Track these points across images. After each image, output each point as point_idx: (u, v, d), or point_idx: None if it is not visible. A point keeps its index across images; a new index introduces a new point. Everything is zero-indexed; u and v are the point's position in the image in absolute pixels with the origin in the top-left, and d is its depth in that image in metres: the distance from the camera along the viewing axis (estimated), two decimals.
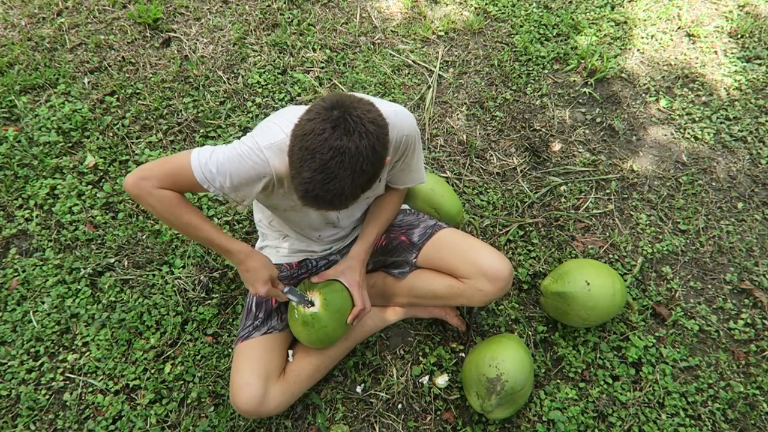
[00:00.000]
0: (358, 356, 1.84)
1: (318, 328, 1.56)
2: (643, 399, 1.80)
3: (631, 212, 2.25)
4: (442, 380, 1.79)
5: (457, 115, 2.52)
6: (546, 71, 2.70)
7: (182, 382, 1.77)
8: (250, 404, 1.50)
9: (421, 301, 1.78)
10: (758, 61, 2.75)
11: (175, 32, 2.75)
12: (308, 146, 1.16)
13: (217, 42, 2.72)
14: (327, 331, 1.57)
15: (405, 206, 1.87)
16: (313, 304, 1.56)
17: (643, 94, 2.62)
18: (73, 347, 1.83)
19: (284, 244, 1.75)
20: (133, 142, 2.33)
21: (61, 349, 1.83)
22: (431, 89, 2.58)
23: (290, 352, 1.68)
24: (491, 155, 2.40)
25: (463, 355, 1.86)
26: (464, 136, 2.44)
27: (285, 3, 2.90)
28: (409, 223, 1.78)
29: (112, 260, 2.01)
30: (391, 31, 2.83)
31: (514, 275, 1.75)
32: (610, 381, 1.83)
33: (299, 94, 2.53)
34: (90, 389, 1.75)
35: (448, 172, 2.32)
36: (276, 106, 2.49)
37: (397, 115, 1.43)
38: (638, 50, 2.79)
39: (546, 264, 2.08)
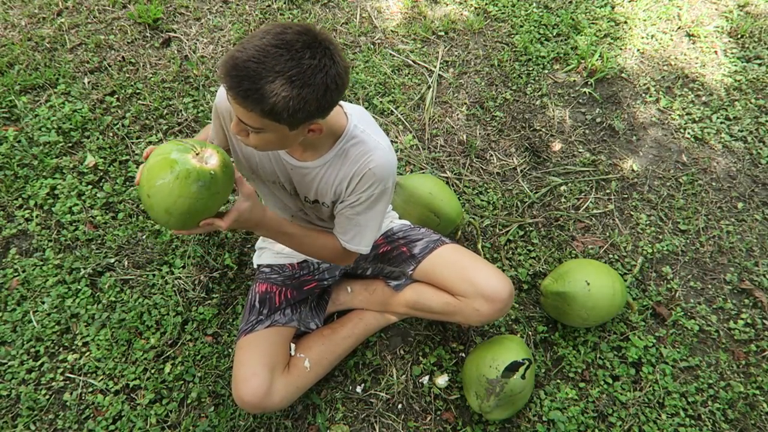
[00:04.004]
0: (358, 356, 1.84)
1: (212, 192, 1.12)
2: (643, 399, 1.80)
3: (631, 212, 2.24)
4: (442, 380, 1.79)
5: (457, 115, 2.52)
6: (546, 71, 2.70)
7: (182, 382, 1.77)
8: (256, 395, 1.46)
9: (417, 314, 1.77)
10: (758, 61, 2.75)
11: (175, 32, 2.75)
12: (265, 29, 1.02)
13: (217, 42, 2.72)
14: (206, 203, 1.13)
15: (407, 223, 1.83)
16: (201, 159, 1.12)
17: (643, 94, 2.62)
18: (73, 347, 1.83)
19: (279, 245, 1.75)
20: (133, 142, 2.33)
21: (61, 349, 1.83)
22: (431, 89, 2.58)
23: (292, 345, 1.67)
24: (491, 155, 2.40)
25: (463, 355, 1.86)
26: (464, 136, 2.44)
27: (285, 3, 2.90)
28: (413, 236, 1.75)
29: (112, 260, 2.01)
30: (391, 31, 2.83)
31: (514, 295, 1.70)
32: (610, 381, 1.83)
33: None
34: (90, 389, 1.75)
35: (448, 172, 2.32)
36: None
37: (378, 148, 1.30)
38: (638, 50, 2.79)
39: (546, 264, 2.08)
